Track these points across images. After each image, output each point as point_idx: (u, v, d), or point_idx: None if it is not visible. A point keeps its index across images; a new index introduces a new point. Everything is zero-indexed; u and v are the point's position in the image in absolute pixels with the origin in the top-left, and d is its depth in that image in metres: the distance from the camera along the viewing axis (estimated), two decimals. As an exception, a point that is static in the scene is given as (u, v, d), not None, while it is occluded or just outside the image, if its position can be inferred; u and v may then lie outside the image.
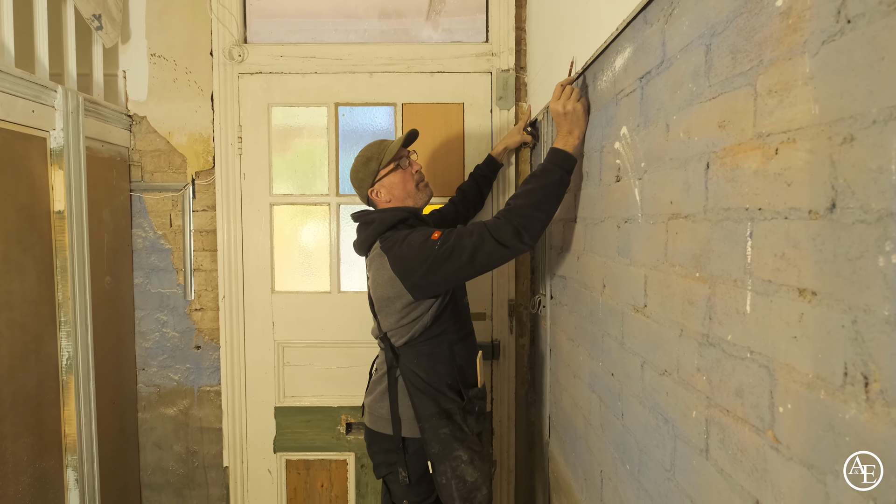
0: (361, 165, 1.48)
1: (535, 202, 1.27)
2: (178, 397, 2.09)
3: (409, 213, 1.45)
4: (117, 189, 1.97)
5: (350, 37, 1.99)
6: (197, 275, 2.06)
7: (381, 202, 1.49)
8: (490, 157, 1.84)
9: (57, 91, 1.58)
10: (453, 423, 1.43)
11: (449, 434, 1.42)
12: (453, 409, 1.43)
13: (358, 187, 1.51)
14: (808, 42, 0.54)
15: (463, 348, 1.49)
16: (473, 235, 1.28)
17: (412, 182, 1.48)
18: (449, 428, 1.42)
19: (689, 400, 0.79)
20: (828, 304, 0.51)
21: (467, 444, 1.43)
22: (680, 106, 0.81)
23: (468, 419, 1.46)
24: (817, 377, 0.53)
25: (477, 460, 1.44)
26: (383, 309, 1.43)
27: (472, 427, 1.46)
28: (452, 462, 1.41)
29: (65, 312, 1.61)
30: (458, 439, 1.42)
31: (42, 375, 1.55)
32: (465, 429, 1.44)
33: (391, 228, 1.44)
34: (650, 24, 0.92)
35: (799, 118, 0.55)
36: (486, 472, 1.47)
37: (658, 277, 0.89)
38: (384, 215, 1.45)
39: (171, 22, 2.01)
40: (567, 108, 1.26)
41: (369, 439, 1.54)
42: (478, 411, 1.49)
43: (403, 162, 1.48)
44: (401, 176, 1.47)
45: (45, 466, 1.56)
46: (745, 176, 0.65)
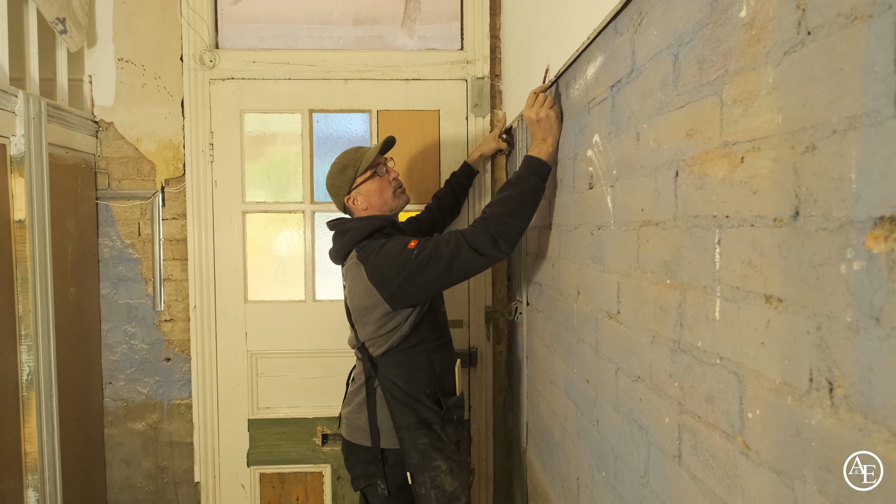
0: (338, 173, 1.46)
1: (510, 210, 1.26)
2: (146, 411, 2.02)
3: (385, 221, 1.44)
4: (82, 197, 1.91)
5: (324, 43, 1.98)
6: (167, 285, 2.00)
7: (358, 210, 1.47)
8: (466, 165, 1.84)
9: (17, 96, 1.52)
10: (432, 432, 1.41)
11: (428, 444, 1.40)
12: (432, 419, 1.42)
13: (334, 195, 1.49)
14: (770, 53, 0.55)
15: (441, 357, 1.48)
16: (450, 244, 1.27)
17: (389, 189, 1.47)
18: (428, 438, 1.41)
19: (661, 406, 0.79)
20: (793, 310, 0.52)
21: (446, 453, 1.42)
22: (650, 114, 0.82)
23: (447, 428, 1.44)
24: (784, 383, 0.54)
25: (456, 469, 1.42)
26: (361, 319, 1.41)
27: (450, 436, 1.45)
28: (432, 472, 1.39)
29: (25, 325, 1.55)
30: (437, 449, 1.41)
31: (1, 392, 1.48)
32: (443, 438, 1.43)
33: (368, 237, 1.42)
34: (620, 34, 0.93)
35: (763, 127, 0.56)
36: (465, 481, 1.46)
37: (630, 284, 0.90)
38: (361, 224, 1.43)
39: (140, 26, 1.97)
40: (540, 115, 1.27)
41: (347, 451, 1.51)
42: (456, 420, 1.48)
43: (381, 169, 1.47)
44: (378, 183, 1.46)
45: (3, 487, 1.49)
46: (713, 184, 0.66)
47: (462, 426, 1.51)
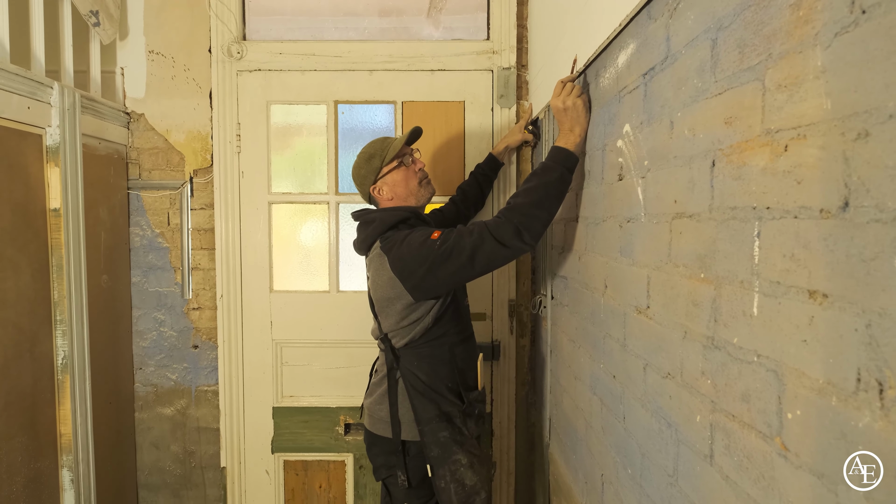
0: (364, 162, 1.46)
1: (535, 200, 1.24)
2: (175, 397, 2.07)
3: (410, 212, 1.43)
4: (114, 187, 1.95)
5: (350, 34, 1.98)
6: (195, 273, 2.04)
7: (384, 200, 1.47)
8: (491, 156, 1.82)
9: (53, 88, 1.56)
10: (453, 426, 1.41)
11: (448, 437, 1.40)
12: (453, 412, 1.42)
13: (360, 185, 1.49)
14: (819, 34, 0.52)
15: (464, 350, 1.47)
16: (473, 235, 1.26)
17: (415, 180, 1.46)
18: (448, 431, 1.40)
19: (693, 404, 0.77)
20: (840, 306, 0.49)
21: (466, 447, 1.41)
22: (685, 102, 0.79)
23: (468, 422, 1.44)
24: (828, 383, 0.51)
25: (476, 464, 1.42)
26: (384, 310, 1.41)
27: (471, 430, 1.45)
28: (452, 466, 1.39)
29: (60, 311, 1.60)
30: (458, 443, 1.40)
31: (37, 374, 1.53)
32: (464, 432, 1.42)
33: (392, 228, 1.41)
34: (654, 20, 0.90)
35: (810, 113, 0.53)
36: (485, 475, 1.45)
37: (661, 278, 0.87)
38: (385, 215, 1.43)
39: (170, 19, 1.99)
40: (567, 104, 1.24)
41: (369, 441, 1.52)
42: (477, 414, 1.47)
43: (407, 159, 1.46)
44: (404, 173, 1.45)
45: (40, 467, 1.54)
46: (753, 174, 0.63)
47: (483, 420, 1.51)
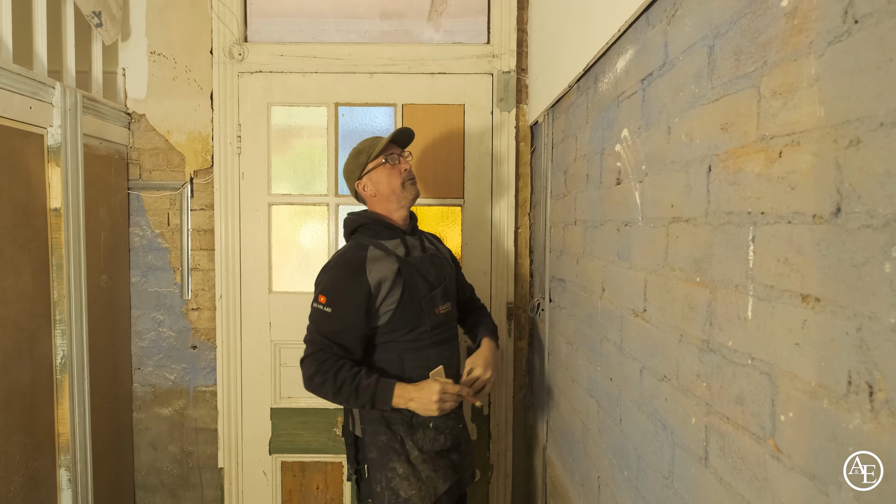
0: (352, 158, 1.49)
1: (335, 394, 1.33)
2: (173, 397, 2.07)
3: (368, 218, 1.46)
4: (115, 187, 1.96)
5: (351, 37, 1.99)
6: (194, 274, 2.04)
7: (368, 197, 1.49)
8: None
9: (55, 88, 1.57)
10: (393, 433, 1.38)
11: (386, 443, 1.38)
12: (395, 419, 1.38)
13: (347, 179, 1.51)
14: (813, 43, 0.53)
15: (417, 359, 1.40)
16: (307, 341, 1.40)
17: (398, 179, 1.45)
18: (387, 437, 1.38)
19: (688, 406, 0.78)
20: (832, 310, 0.50)
21: (408, 458, 1.38)
22: (682, 108, 0.80)
23: (415, 434, 1.39)
24: (820, 385, 0.52)
25: (415, 478, 1.37)
26: None
27: (420, 443, 1.38)
28: (388, 473, 1.38)
29: (60, 310, 1.60)
30: (396, 452, 1.37)
31: (36, 373, 1.54)
32: (407, 443, 1.38)
33: (352, 233, 1.47)
34: (653, 26, 0.91)
35: (804, 120, 0.54)
36: (427, 493, 1.38)
37: (658, 282, 0.88)
38: (350, 219, 1.49)
39: (172, 20, 2.00)
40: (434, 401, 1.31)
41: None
42: (433, 428, 1.40)
43: (392, 158, 1.46)
44: (387, 171, 1.45)
45: (38, 466, 1.54)
46: (748, 179, 0.64)
47: (448, 437, 1.42)
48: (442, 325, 1.44)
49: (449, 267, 1.53)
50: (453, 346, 1.49)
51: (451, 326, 1.50)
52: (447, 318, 1.46)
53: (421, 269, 1.42)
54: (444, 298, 1.45)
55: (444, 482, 1.40)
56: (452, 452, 1.45)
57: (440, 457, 1.41)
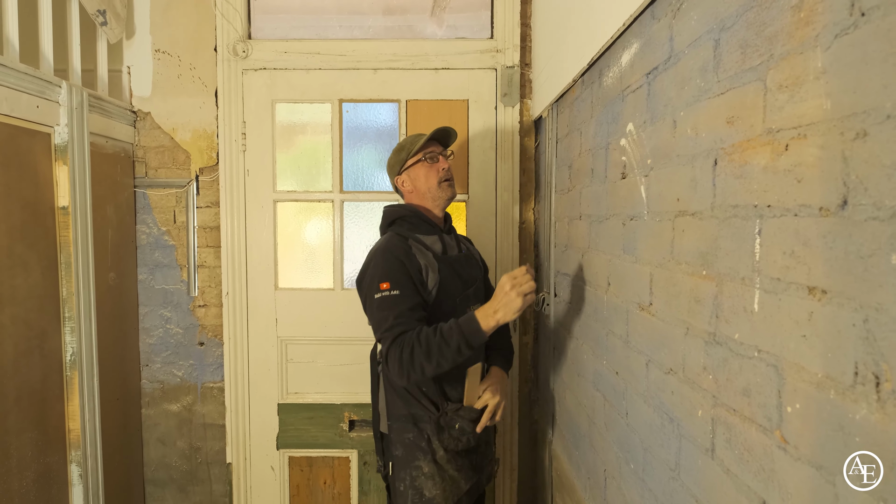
0: (394, 153, 1.52)
1: (427, 356, 1.25)
2: (181, 393, 2.09)
3: (409, 211, 1.46)
4: (121, 185, 1.97)
5: (354, 33, 1.99)
6: (200, 271, 2.06)
7: (406, 192, 1.51)
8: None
9: (61, 86, 1.57)
10: (420, 431, 1.38)
11: (412, 441, 1.38)
12: (422, 417, 1.39)
13: (389, 174, 1.54)
14: (820, 36, 0.53)
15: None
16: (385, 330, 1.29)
17: (435, 178, 1.46)
18: (414, 434, 1.38)
19: (694, 399, 0.78)
20: (838, 302, 0.51)
21: (433, 458, 1.37)
22: (688, 102, 0.80)
23: (441, 434, 1.38)
24: (827, 377, 0.52)
25: (440, 478, 1.37)
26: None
27: (446, 443, 1.38)
28: (412, 471, 1.37)
29: (69, 308, 1.61)
30: (422, 450, 1.37)
31: (46, 371, 1.55)
32: (433, 442, 1.38)
33: (391, 224, 1.46)
34: (658, 19, 0.91)
35: (810, 113, 0.54)
36: (451, 493, 1.38)
37: (664, 275, 0.88)
38: (389, 210, 1.49)
39: (176, 17, 2.01)
40: (512, 292, 1.22)
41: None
42: (458, 429, 1.38)
43: (432, 156, 1.47)
44: (425, 169, 1.47)
45: (49, 461, 1.56)
46: (754, 172, 0.64)
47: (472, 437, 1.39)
48: None
49: (478, 269, 1.54)
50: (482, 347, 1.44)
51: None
52: None
53: (457, 267, 1.43)
54: (476, 299, 1.46)
55: (466, 482, 1.40)
56: (472, 453, 1.44)
57: (461, 456, 1.41)
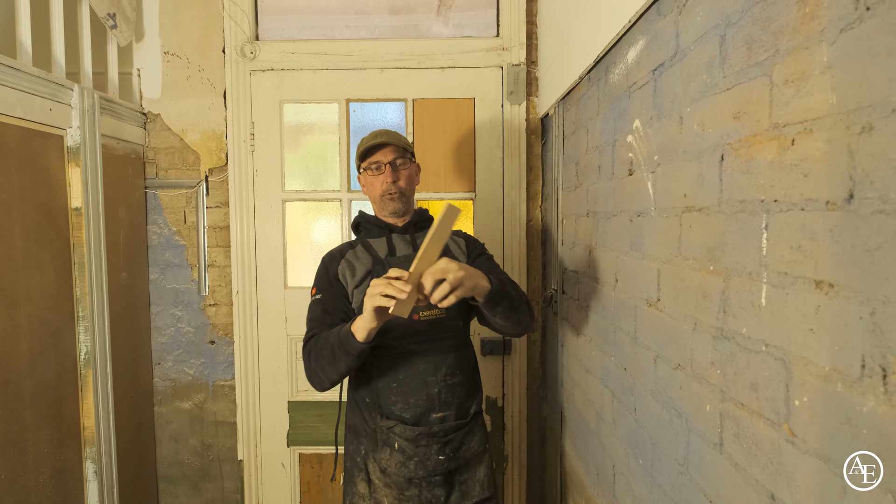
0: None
1: (316, 359, 1.20)
2: (193, 391, 2.11)
3: (362, 217, 1.42)
4: (132, 186, 2.00)
5: (361, 33, 2.00)
6: (211, 270, 2.08)
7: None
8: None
9: (73, 89, 1.60)
10: (358, 443, 1.31)
11: (352, 453, 1.32)
12: (360, 429, 1.30)
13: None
14: (825, 30, 0.53)
15: (387, 367, 1.27)
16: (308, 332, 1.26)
17: (377, 191, 1.33)
18: (353, 447, 1.32)
19: (702, 394, 0.79)
20: (845, 295, 0.51)
21: (368, 477, 1.27)
22: (694, 98, 0.81)
23: (378, 451, 1.26)
24: (834, 370, 0.52)
25: (371, 501, 1.26)
26: None
27: (384, 464, 1.25)
28: (351, 487, 1.31)
29: (82, 307, 1.64)
30: (358, 467, 1.29)
31: (61, 369, 1.58)
32: (370, 459, 1.27)
33: (356, 230, 1.44)
34: (664, 16, 0.91)
35: (816, 108, 0.55)
36: None
37: (671, 271, 0.89)
38: (356, 217, 1.45)
39: (184, 20, 2.03)
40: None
41: None
42: (399, 450, 1.23)
43: (377, 166, 1.33)
44: (367, 179, 1.36)
45: (65, 458, 1.59)
46: (761, 167, 0.64)
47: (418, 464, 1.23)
48: (424, 334, 1.27)
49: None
50: (442, 360, 1.29)
51: (444, 336, 1.30)
52: (432, 327, 1.28)
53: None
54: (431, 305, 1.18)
55: None
56: (435, 488, 1.26)
57: (412, 486, 1.24)
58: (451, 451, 1.27)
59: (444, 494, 1.28)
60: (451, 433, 1.27)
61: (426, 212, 1.44)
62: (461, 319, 1.34)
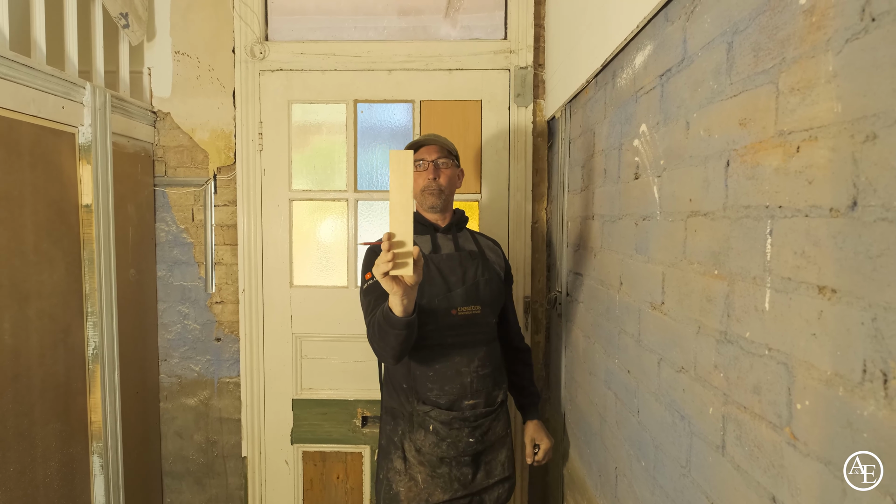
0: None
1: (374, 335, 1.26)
2: (198, 388, 2.13)
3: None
4: (142, 184, 2.02)
5: (369, 34, 2.01)
6: (218, 268, 2.10)
7: None
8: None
9: (85, 88, 1.62)
10: (395, 424, 1.41)
11: (389, 434, 1.42)
12: (399, 412, 1.41)
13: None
14: (831, 40, 0.54)
15: (425, 357, 1.37)
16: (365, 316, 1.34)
17: (419, 185, 1.47)
18: (391, 427, 1.42)
19: (705, 397, 0.79)
20: (847, 301, 0.52)
21: (403, 455, 1.38)
22: (700, 104, 0.81)
23: (414, 432, 1.38)
24: (836, 374, 0.53)
25: (406, 476, 1.37)
26: None
27: (419, 444, 1.37)
28: (387, 462, 1.42)
29: (91, 303, 1.66)
30: (395, 445, 1.41)
31: (69, 364, 1.60)
32: (406, 440, 1.38)
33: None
34: (671, 22, 0.92)
35: (821, 116, 0.56)
36: (417, 495, 1.36)
37: (676, 275, 0.90)
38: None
39: (195, 20, 2.05)
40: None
41: None
42: (433, 432, 1.35)
43: (421, 163, 1.47)
44: (416, 175, 1.48)
45: (72, 452, 1.61)
46: (766, 174, 0.65)
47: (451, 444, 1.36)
48: (460, 328, 1.38)
49: (482, 271, 1.45)
50: (475, 352, 1.40)
51: (478, 331, 1.41)
52: (468, 322, 1.39)
53: (441, 267, 1.42)
54: (468, 300, 1.39)
55: (443, 492, 1.36)
56: (464, 467, 1.38)
57: (443, 464, 1.37)
58: (480, 435, 1.40)
59: (471, 473, 1.40)
60: (481, 419, 1.40)
61: (463, 213, 1.56)
62: (493, 316, 1.47)
